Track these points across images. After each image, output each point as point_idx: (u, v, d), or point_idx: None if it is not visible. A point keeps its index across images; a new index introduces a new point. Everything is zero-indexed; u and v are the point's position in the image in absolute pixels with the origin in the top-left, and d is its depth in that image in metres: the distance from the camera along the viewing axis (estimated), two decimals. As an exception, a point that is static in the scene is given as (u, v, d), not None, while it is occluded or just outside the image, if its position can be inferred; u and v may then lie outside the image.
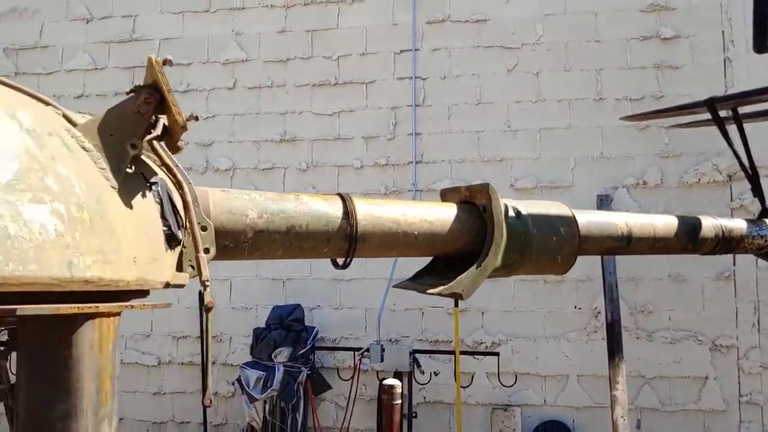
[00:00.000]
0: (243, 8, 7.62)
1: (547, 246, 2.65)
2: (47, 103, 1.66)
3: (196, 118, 1.75)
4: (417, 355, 6.57)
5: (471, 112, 7.07)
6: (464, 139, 7.05)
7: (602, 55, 6.92)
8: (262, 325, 6.83)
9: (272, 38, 7.55)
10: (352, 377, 6.72)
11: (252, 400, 6.19)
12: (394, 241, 2.48)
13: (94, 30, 7.95)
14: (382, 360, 6.34)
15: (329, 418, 6.99)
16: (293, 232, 2.29)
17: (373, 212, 2.45)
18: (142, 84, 1.79)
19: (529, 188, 6.83)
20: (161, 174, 1.89)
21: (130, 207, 1.64)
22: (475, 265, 2.50)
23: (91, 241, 1.40)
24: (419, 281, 2.83)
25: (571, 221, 2.72)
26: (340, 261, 2.55)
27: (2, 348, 2.61)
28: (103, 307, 1.40)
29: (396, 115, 7.20)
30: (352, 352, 6.87)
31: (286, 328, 6.49)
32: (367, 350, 6.49)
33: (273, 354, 6.31)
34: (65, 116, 1.65)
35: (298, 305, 6.80)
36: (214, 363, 7.16)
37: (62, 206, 1.36)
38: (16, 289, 1.24)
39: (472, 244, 2.58)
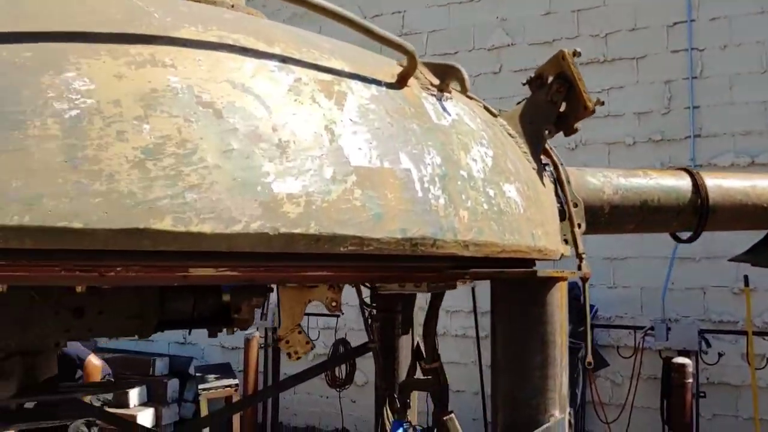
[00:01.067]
0: (508, -5, 7.81)
1: None
2: (471, 97, 1.93)
3: (602, 103, 1.95)
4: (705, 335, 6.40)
5: (756, 81, 6.69)
6: (749, 110, 6.70)
7: None
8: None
9: (537, 21, 7.66)
10: (633, 355, 6.69)
11: (534, 372, 6.39)
12: (742, 214, 2.53)
13: (368, 28, 8.54)
14: (666, 339, 6.26)
15: (605, 395, 7.02)
16: (646, 207, 2.42)
17: (722, 185, 2.51)
18: (534, 75, 2.03)
19: (827, 159, 6.35)
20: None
21: (544, 185, 1.88)
22: (831, 238, 2.48)
23: (537, 215, 1.66)
24: (757, 254, 2.85)
25: None
26: (684, 235, 2.64)
27: (375, 312, 3.03)
28: (567, 272, 1.65)
29: (670, 88, 7.02)
30: (630, 331, 6.85)
31: (566, 304, 6.60)
32: (651, 328, 6.43)
33: (554, 330, 6.45)
34: (485, 108, 1.93)
35: (575, 283, 6.86)
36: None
37: (520, 185, 1.62)
38: (507, 255, 1.51)
39: (821, 216, 2.56)
